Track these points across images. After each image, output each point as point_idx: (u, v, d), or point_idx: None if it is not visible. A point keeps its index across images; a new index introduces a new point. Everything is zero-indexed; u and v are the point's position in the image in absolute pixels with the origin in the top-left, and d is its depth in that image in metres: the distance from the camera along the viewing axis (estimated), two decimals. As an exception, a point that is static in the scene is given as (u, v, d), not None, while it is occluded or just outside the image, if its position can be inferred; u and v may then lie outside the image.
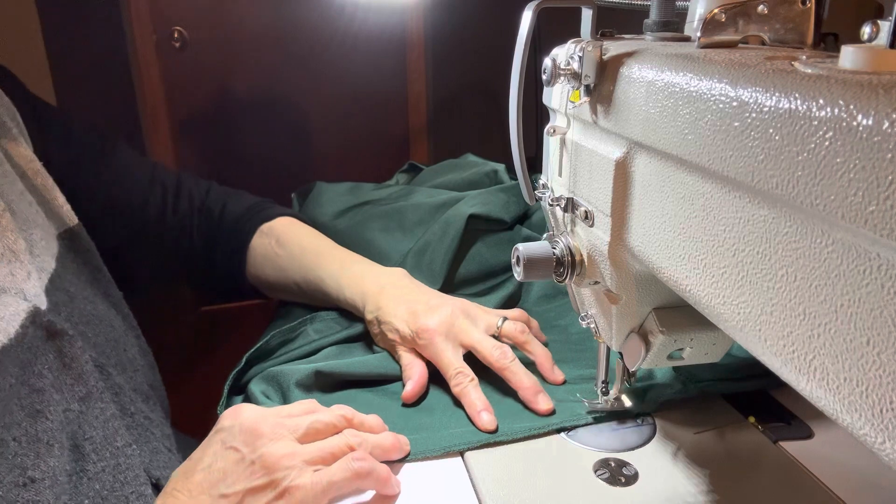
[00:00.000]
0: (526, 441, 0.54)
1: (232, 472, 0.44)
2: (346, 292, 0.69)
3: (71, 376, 0.50)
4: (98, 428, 0.49)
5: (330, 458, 0.46)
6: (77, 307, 0.56)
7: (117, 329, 0.61)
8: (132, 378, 0.60)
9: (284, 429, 0.47)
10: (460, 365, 0.60)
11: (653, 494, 0.48)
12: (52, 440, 0.45)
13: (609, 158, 0.40)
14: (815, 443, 0.54)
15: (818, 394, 0.25)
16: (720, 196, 0.30)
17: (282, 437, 0.46)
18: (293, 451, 0.45)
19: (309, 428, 0.48)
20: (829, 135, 0.23)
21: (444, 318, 0.62)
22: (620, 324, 0.46)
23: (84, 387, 0.50)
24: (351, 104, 2.27)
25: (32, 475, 0.43)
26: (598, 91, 0.40)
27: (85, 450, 0.48)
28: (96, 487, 0.47)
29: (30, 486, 0.43)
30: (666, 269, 0.36)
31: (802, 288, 0.25)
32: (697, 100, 0.30)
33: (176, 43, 2.09)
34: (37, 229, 0.55)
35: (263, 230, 0.77)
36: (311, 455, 0.46)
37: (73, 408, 0.49)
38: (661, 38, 0.41)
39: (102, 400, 0.51)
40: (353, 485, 0.46)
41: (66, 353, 0.50)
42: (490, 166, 0.98)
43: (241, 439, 0.45)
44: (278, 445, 0.45)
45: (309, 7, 2.12)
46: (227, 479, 0.44)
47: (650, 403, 0.57)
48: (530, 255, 0.47)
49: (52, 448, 0.45)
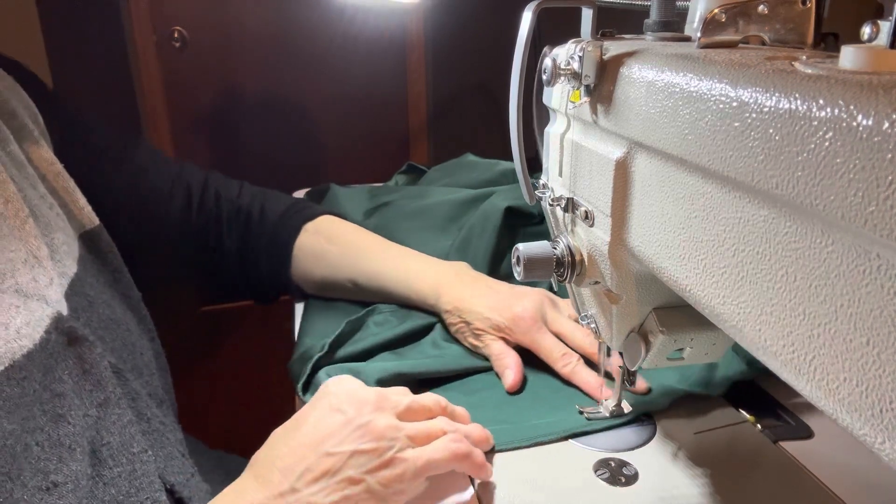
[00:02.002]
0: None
1: (338, 433, 0.45)
2: (415, 286, 0.70)
3: (90, 382, 0.50)
4: (115, 433, 0.49)
5: (427, 439, 0.47)
6: (96, 312, 0.56)
7: (134, 333, 0.61)
8: (148, 383, 0.60)
9: (388, 402, 0.48)
10: (562, 347, 0.62)
11: (653, 494, 0.48)
12: (74, 444, 0.46)
13: (609, 158, 0.40)
14: (815, 443, 0.54)
15: (818, 394, 0.25)
16: (720, 196, 0.30)
17: (385, 409, 0.47)
18: (397, 425, 0.46)
19: (408, 407, 0.49)
20: (829, 135, 0.23)
21: (536, 306, 0.64)
22: (620, 324, 0.46)
23: (102, 392, 0.50)
24: (351, 104, 2.27)
25: (55, 479, 0.43)
26: (598, 91, 0.40)
27: (102, 455, 0.48)
28: (112, 493, 0.47)
29: (53, 490, 0.43)
30: (666, 269, 0.36)
31: (802, 288, 0.25)
32: (697, 100, 0.30)
33: (176, 43, 2.10)
34: (58, 233, 0.56)
35: (309, 228, 0.77)
36: (413, 432, 0.47)
37: (92, 413, 0.49)
38: (661, 38, 0.41)
39: (120, 406, 0.51)
40: (450, 465, 0.47)
41: (86, 359, 0.50)
42: (503, 165, 0.98)
43: (348, 403, 0.46)
44: (384, 416, 0.46)
45: (309, 7, 2.12)
46: (333, 438, 0.45)
47: (651, 404, 0.57)
48: (530, 255, 0.47)
49: (75, 452, 0.45)
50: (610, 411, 0.56)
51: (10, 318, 0.46)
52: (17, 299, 0.48)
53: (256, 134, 2.25)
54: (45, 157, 0.58)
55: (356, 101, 2.28)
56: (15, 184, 0.53)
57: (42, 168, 0.58)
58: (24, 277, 0.49)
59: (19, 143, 0.56)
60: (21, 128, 0.57)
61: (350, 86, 2.25)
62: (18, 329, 0.46)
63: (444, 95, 2.34)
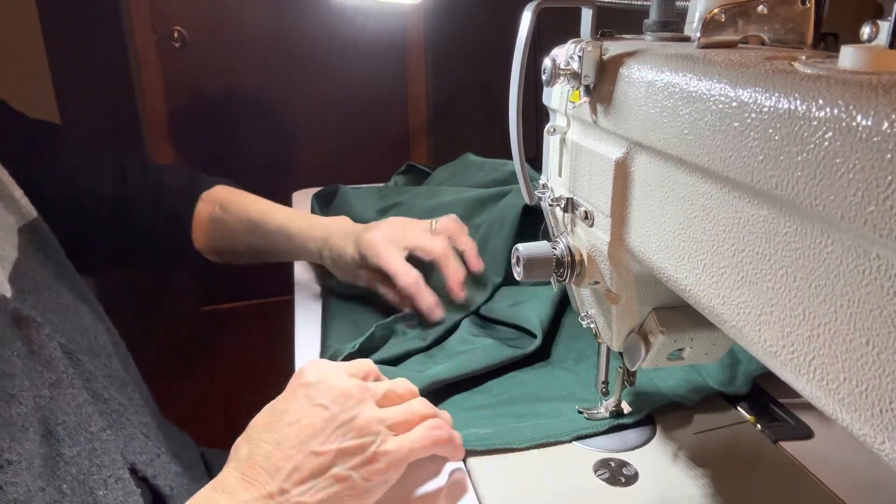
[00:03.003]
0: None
1: (323, 431, 0.45)
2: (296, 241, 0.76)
3: (40, 363, 0.50)
4: (70, 413, 0.49)
5: (407, 426, 0.47)
6: (43, 296, 0.56)
7: (85, 318, 0.61)
8: (105, 365, 0.59)
9: (368, 392, 0.48)
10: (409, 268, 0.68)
11: (653, 494, 0.48)
12: (26, 424, 0.45)
13: (609, 158, 0.40)
14: (815, 443, 0.54)
15: (818, 394, 0.25)
16: (720, 196, 0.30)
17: (367, 400, 0.47)
18: (381, 416, 0.46)
19: (385, 396, 0.49)
20: (828, 135, 0.23)
21: (385, 232, 0.70)
22: (620, 324, 0.46)
23: (54, 373, 0.50)
24: (351, 105, 2.27)
25: (9, 458, 0.43)
26: (597, 91, 0.40)
27: (59, 435, 0.48)
28: (73, 472, 0.47)
29: (6, 468, 0.43)
30: (666, 269, 0.36)
31: (802, 288, 0.25)
32: (697, 100, 0.30)
33: (176, 43, 2.10)
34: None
35: (204, 198, 0.80)
36: (395, 420, 0.47)
37: (44, 394, 0.49)
38: (660, 38, 0.41)
39: (73, 386, 0.51)
40: (430, 451, 0.48)
41: (34, 341, 0.50)
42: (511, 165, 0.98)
43: (331, 398, 0.46)
44: (367, 409, 0.46)
45: (309, 8, 2.12)
46: (319, 436, 0.44)
47: (649, 403, 0.57)
48: (530, 255, 0.47)
49: (27, 431, 0.45)
50: (610, 412, 0.56)
51: None
52: None
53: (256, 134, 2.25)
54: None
55: (356, 102, 2.28)
56: None
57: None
58: None
59: None
60: None
61: (350, 86, 2.26)
62: None
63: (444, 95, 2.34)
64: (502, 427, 0.55)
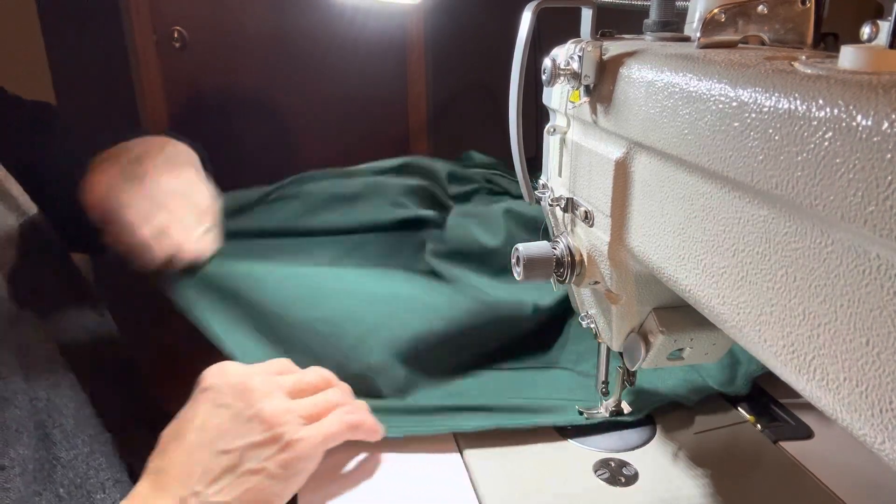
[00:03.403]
0: (526, 440, 0.54)
1: (229, 429, 0.44)
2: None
3: (37, 365, 0.50)
4: (68, 416, 0.49)
5: (320, 414, 0.47)
6: (42, 296, 0.56)
7: (85, 316, 0.60)
8: (105, 365, 0.59)
9: (275, 384, 0.47)
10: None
11: (653, 494, 0.48)
12: (21, 428, 0.45)
13: (609, 158, 0.40)
14: (815, 443, 0.54)
15: (818, 394, 0.25)
16: (720, 196, 0.30)
17: (274, 392, 0.46)
18: (289, 407, 0.46)
19: (295, 385, 0.49)
20: (828, 135, 0.23)
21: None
22: (620, 324, 0.46)
23: (52, 375, 0.50)
24: (351, 105, 2.27)
25: (2, 463, 0.43)
26: (597, 91, 0.40)
27: (56, 438, 0.47)
28: (70, 475, 0.47)
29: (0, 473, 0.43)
30: (666, 269, 0.36)
31: (802, 288, 0.25)
32: (697, 100, 0.30)
33: (176, 43, 2.10)
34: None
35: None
36: (306, 410, 0.47)
37: (41, 396, 0.48)
38: (660, 38, 0.41)
39: (72, 388, 0.51)
40: (346, 436, 0.48)
41: (31, 342, 0.50)
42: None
43: (233, 395, 0.46)
44: (274, 401, 0.46)
45: (309, 8, 2.12)
46: (226, 435, 0.44)
47: (649, 403, 0.57)
48: (530, 255, 0.47)
49: (21, 436, 0.45)
50: (609, 411, 0.56)
51: None
52: None
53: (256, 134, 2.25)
54: None
55: (356, 102, 2.28)
56: None
57: None
58: None
59: None
60: None
61: (350, 86, 2.25)
62: None
63: (444, 95, 2.34)
64: (500, 417, 0.55)
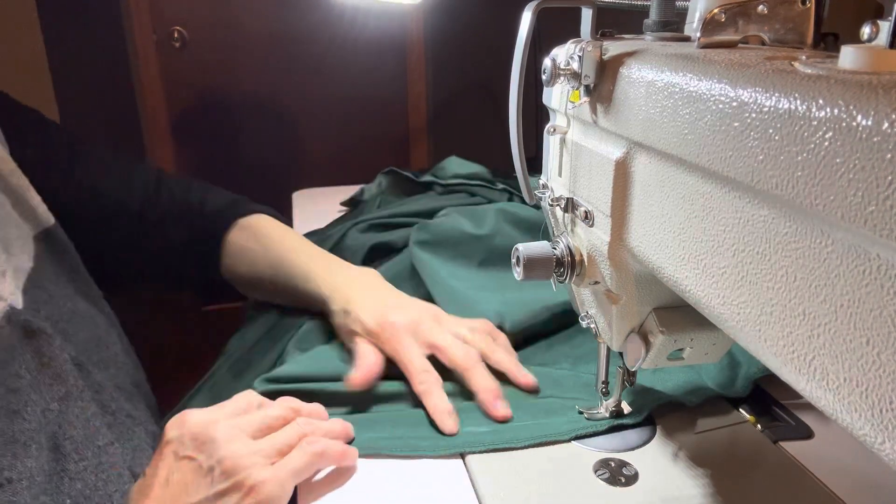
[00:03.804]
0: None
1: (192, 482, 0.44)
2: (313, 284, 0.69)
3: (49, 376, 0.50)
4: (78, 427, 0.49)
5: (286, 450, 0.46)
6: (56, 305, 0.56)
7: (100, 326, 0.60)
8: (115, 376, 0.59)
9: (237, 429, 0.46)
10: (425, 363, 0.59)
11: (653, 494, 0.48)
12: (29, 440, 0.45)
13: (609, 158, 0.40)
14: (815, 443, 0.54)
15: (818, 394, 0.25)
16: (720, 196, 0.30)
17: (235, 437, 0.45)
18: (251, 450, 0.45)
19: (261, 424, 0.48)
20: (828, 135, 0.23)
21: (412, 317, 0.62)
22: (620, 324, 0.46)
23: (63, 386, 0.50)
24: (351, 105, 2.27)
25: (9, 476, 0.43)
26: (597, 91, 0.40)
27: (66, 449, 0.47)
28: (78, 487, 0.47)
29: (6, 486, 0.43)
30: (666, 269, 0.36)
31: (802, 288, 0.25)
32: (697, 100, 0.30)
33: (176, 43, 2.10)
34: (12, 229, 0.55)
35: (241, 224, 0.77)
36: (269, 450, 0.46)
37: (53, 407, 0.48)
38: (660, 38, 0.41)
39: (82, 399, 0.51)
40: (313, 467, 0.47)
41: (44, 353, 0.50)
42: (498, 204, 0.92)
43: (194, 447, 0.45)
44: (235, 446, 0.45)
45: (309, 8, 2.12)
46: (189, 489, 0.43)
47: (649, 403, 0.57)
48: (530, 255, 0.47)
49: (30, 448, 0.45)
50: (610, 412, 0.56)
51: None
52: None
53: (256, 134, 2.25)
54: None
55: (356, 102, 2.28)
56: None
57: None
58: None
59: None
60: None
61: (350, 86, 2.25)
62: None
63: (444, 95, 2.34)
64: (502, 426, 0.55)
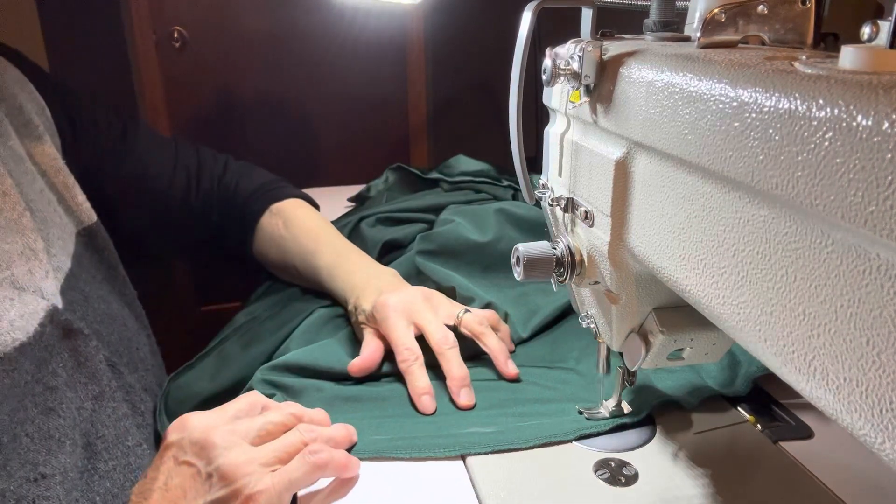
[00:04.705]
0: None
1: (190, 488, 0.43)
2: (335, 283, 0.72)
3: (85, 375, 0.50)
4: (110, 427, 0.50)
5: (286, 458, 0.46)
6: (92, 306, 0.57)
7: (130, 328, 0.61)
8: (143, 377, 0.60)
9: (236, 435, 0.45)
10: (408, 341, 0.60)
11: (653, 494, 0.48)
12: (63, 437, 0.46)
13: (609, 158, 0.40)
14: (815, 443, 0.54)
15: (818, 394, 0.25)
16: (720, 196, 0.30)
17: (235, 444, 0.45)
18: (249, 458, 0.44)
19: (261, 430, 0.47)
20: (828, 135, 0.23)
21: (404, 298, 0.64)
22: (620, 324, 0.46)
23: (97, 386, 0.51)
24: (351, 105, 2.27)
25: (43, 471, 0.43)
26: (597, 91, 0.40)
27: (97, 448, 0.48)
28: (107, 485, 0.47)
29: (41, 481, 0.43)
30: (666, 269, 0.36)
31: (802, 288, 0.25)
32: (697, 100, 0.30)
33: (176, 43, 2.09)
34: (55, 228, 0.56)
35: (273, 210, 0.79)
36: (268, 458, 0.45)
37: (87, 406, 0.49)
38: (661, 38, 0.41)
39: (115, 399, 0.51)
40: (313, 477, 0.46)
41: (81, 353, 0.51)
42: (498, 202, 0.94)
43: (193, 452, 0.44)
44: (233, 454, 0.44)
45: (309, 8, 2.12)
46: (187, 495, 0.43)
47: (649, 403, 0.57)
48: (530, 255, 0.47)
49: (64, 445, 0.46)
50: (610, 411, 0.56)
51: (4, 311, 0.47)
52: (12, 292, 0.48)
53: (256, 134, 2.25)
54: (47, 152, 0.59)
55: (356, 102, 2.28)
56: (13, 178, 0.53)
57: (43, 164, 0.58)
58: (20, 270, 0.50)
59: (21, 139, 0.57)
60: (26, 123, 0.58)
61: (350, 86, 2.25)
62: (12, 321, 0.46)
63: (444, 95, 2.34)
64: (504, 427, 0.55)
